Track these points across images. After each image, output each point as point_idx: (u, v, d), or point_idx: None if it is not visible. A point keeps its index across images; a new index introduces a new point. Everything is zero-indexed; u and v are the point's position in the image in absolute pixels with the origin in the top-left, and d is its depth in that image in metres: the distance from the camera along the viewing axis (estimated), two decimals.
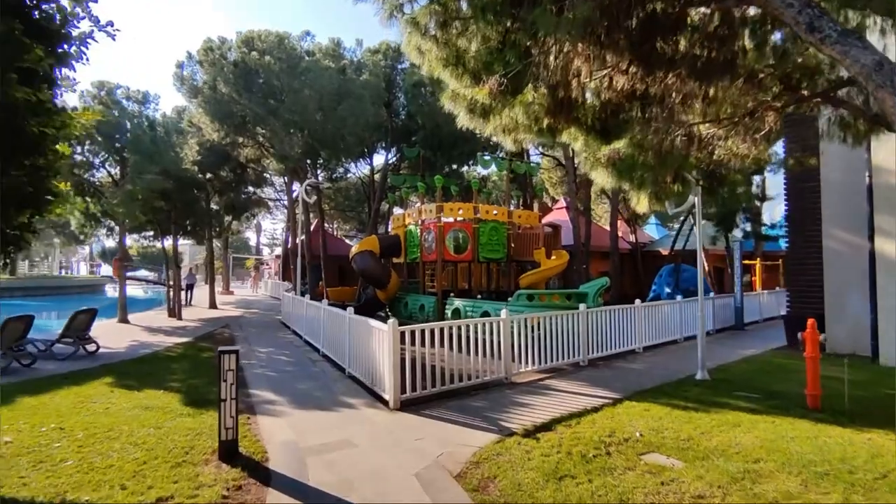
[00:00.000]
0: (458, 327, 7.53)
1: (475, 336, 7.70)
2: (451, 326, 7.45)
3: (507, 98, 5.82)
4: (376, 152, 28.28)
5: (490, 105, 5.77)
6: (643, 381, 8.13)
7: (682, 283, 19.44)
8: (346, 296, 24.86)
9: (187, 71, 16.65)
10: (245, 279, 46.26)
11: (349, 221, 42.33)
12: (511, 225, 16.58)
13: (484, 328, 7.84)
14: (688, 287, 19.10)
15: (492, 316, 12.99)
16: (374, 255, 16.83)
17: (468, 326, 7.68)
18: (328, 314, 9.94)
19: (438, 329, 7.25)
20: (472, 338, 7.67)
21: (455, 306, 14.19)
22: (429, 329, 7.13)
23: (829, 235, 11.51)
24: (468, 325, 7.70)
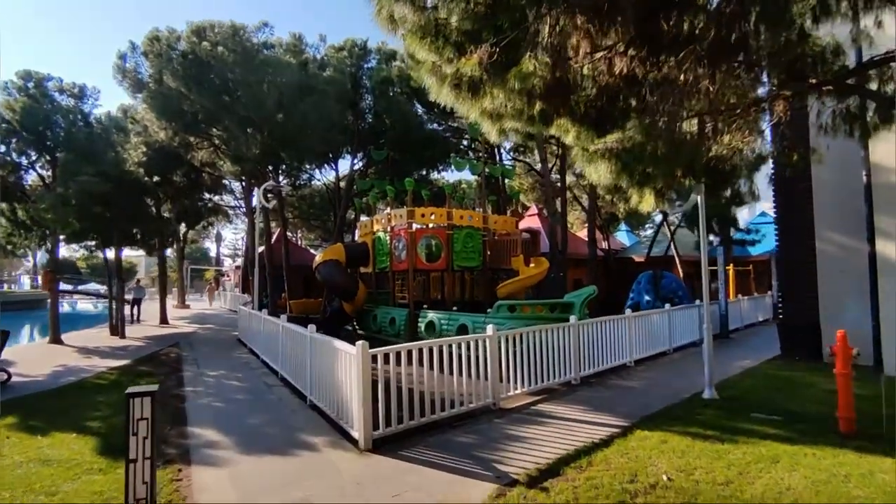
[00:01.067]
0: (438, 347, 6.43)
1: (458, 356, 6.62)
2: (430, 347, 6.34)
3: (500, 70, 4.81)
4: (342, 157, 26.99)
5: (480, 78, 4.74)
6: (647, 402, 7.21)
7: (662, 291, 18.84)
8: (310, 308, 23.41)
9: (130, 63, 15.09)
10: (205, 292, 43.90)
11: (314, 230, 40.70)
12: (487, 231, 15.62)
13: (469, 347, 6.76)
14: (667, 294, 18.47)
15: (469, 329, 11.99)
16: (340, 265, 15.58)
17: (450, 346, 6.58)
18: (287, 332, 8.70)
19: (416, 350, 6.15)
20: (455, 357, 6.59)
21: (429, 319, 13.09)
22: (405, 351, 6.02)
23: (823, 238, 10.95)
24: (450, 345, 6.60)
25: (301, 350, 7.64)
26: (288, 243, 28.37)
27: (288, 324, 8.74)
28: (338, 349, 6.07)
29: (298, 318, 21.20)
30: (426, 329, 13.09)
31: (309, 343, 7.17)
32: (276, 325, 9.47)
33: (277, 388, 8.46)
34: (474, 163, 15.47)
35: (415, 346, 6.15)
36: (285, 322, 8.93)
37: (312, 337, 7.07)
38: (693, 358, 11.39)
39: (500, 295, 14.28)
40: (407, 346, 6.05)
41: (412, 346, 6.12)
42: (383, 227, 15.56)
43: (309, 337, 7.18)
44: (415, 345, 6.17)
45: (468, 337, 6.85)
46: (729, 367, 10.11)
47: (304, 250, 36.74)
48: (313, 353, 7.02)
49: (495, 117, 6.31)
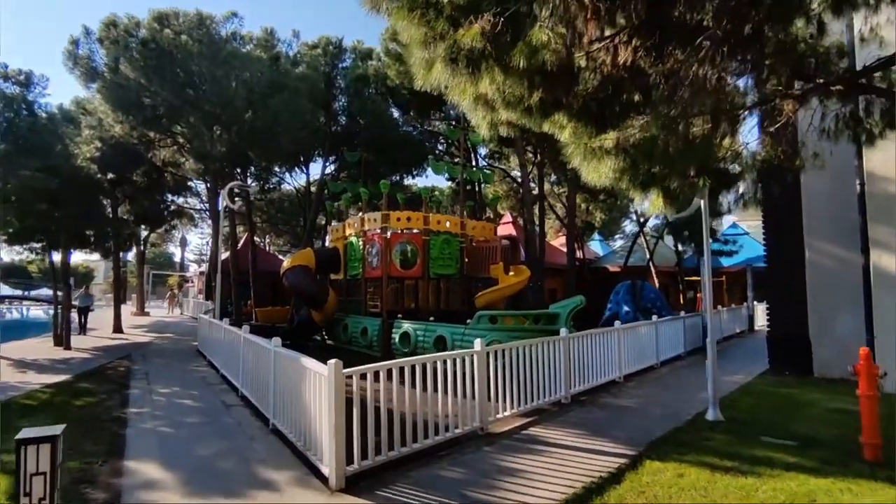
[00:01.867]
0: (421, 365, 5.67)
1: (444, 372, 5.88)
2: (412, 365, 5.58)
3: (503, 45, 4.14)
4: (313, 160, 26.04)
5: (483, 51, 4.05)
6: (648, 425, 6.59)
7: (641, 302, 18.48)
8: (277, 317, 22.27)
9: (84, 50, 13.86)
10: (166, 299, 41.81)
11: (282, 235, 39.39)
12: (464, 237, 14.95)
13: (455, 364, 6.02)
14: (645, 305, 18.11)
15: (448, 341, 11.25)
16: (309, 271, 14.66)
17: (435, 363, 5.84)
18: (248, 345, 7.79)
19: (397, 369, 5.38)
20: (440, 374, 5.85)
21: (404, 330, 12.30)
22: (384, 370, 5.25)
23: (813, 248, 10.65)
24: (435, 362, 5.85)
25: (264, 366, 6.77)
26: (255, 248, 27.16)
27: (250, 335, 7.83)
28: (306, 368, 5.25)
29: (265, 327, 20.08)
30: (400, 340, 12.31)
31: (273, 359, 6.31)
32: (237, 336, 8.54)
33: (236, 408, 7.53)
34: (452, 166, 14.82)
35: (395, 364, 5.39)
36: (247, 333, 8.03)
37: (277, 352, 6.22)
38: (681, 373, 10.93)
39: (479, 305, 13.61)
40: (386, 365, 5.28)
41: (392, 364, 5.35)
42: (356, 232, 14.73)
43: (273, 352, 6.33)
44: (395, 363, 5.40)
45: (454, 353, 6.10)
46: (721, 382, 9.58)
47: (272, 256, 35.42)
48: (278, 371, 6.17)
49: (489, 106, 5.64)
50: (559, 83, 5.35)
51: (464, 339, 10.76)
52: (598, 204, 27.97)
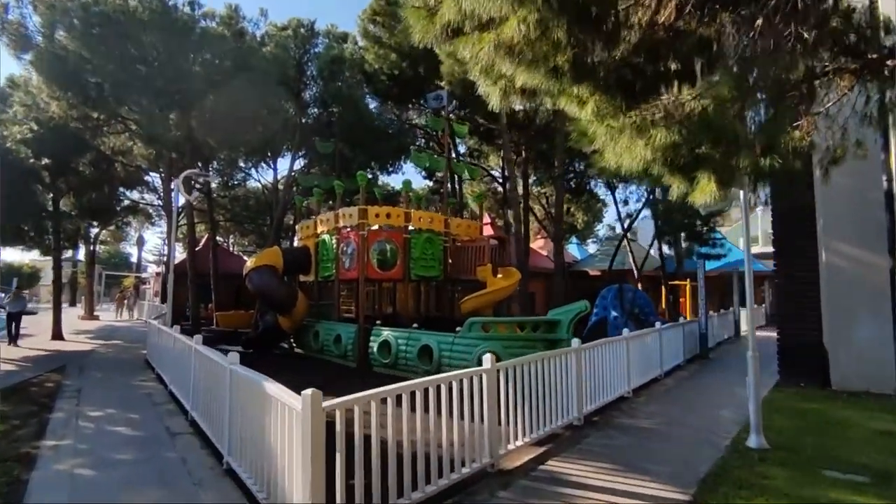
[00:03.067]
0: (423, 390, 4.45)
1: (448, 399, 4.68)
2: (412, 391, 4.34)
3: None
4: (281, 156, 24.47)
5: None
6: (685, 455, 5.54)
7: (628, 306, 17.62)
8: (240, 322, 20.57)
9: (14, 14, 12.10)
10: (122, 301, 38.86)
11: (247, 235, 37.39)
12: (448, 237, 13.76)
13: (461, 387, 4.81)
14: (632, 310, 17.27)
15: (435, 351, 10.01)
16: (276, 272, 13.21)
17: (438, 387, 4.62)
18: (200, 360, 6.40)
19: (393, 397, 4.15)
20: (443, 400, 4.64)
21: (383, 338, 11.01)
22: (377, 399, 4.00)
23: (831, 249, 9.86)
24: (438, 385, 4.63)
25: (218, 387, 5.41)
26: (217, 248, 25.34)
27: (202, 347, 6.44)
28: (271, 397, 3.95)
29: (226, 334, 18.42)
30: (379, 350, 11.02)
31: (229, 380, 4.97)
32: (188, 347, 7.12)
33: (184, 437, 6.13)
34: (436, 158, 13.62)
35: (392, 391, 4.13)
36: (199, 345, 6.62)
37: (234, 371, 4.88)
38: (689, 385, 10.00)
39: (465, 310, 12.44)
40: (380, 393, 4.03)
41: (388, 391, 4.10)
42: (329, 229, 13.36)
43: (228, 370, 4.98)
44: (392, 390, 4.15)
45: (460, 374, 4.87)
46: (737, 397, 8.71)
47: (235, 257, 33.43)
48: (235, 396, 4.83)
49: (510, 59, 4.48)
50: (601, 32, 4.24)
51: (453, 350, 9.57)
52: (581, 205, 27.25)
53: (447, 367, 9.57)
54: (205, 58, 12.53)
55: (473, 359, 9.17)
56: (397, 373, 10.58)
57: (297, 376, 10.55)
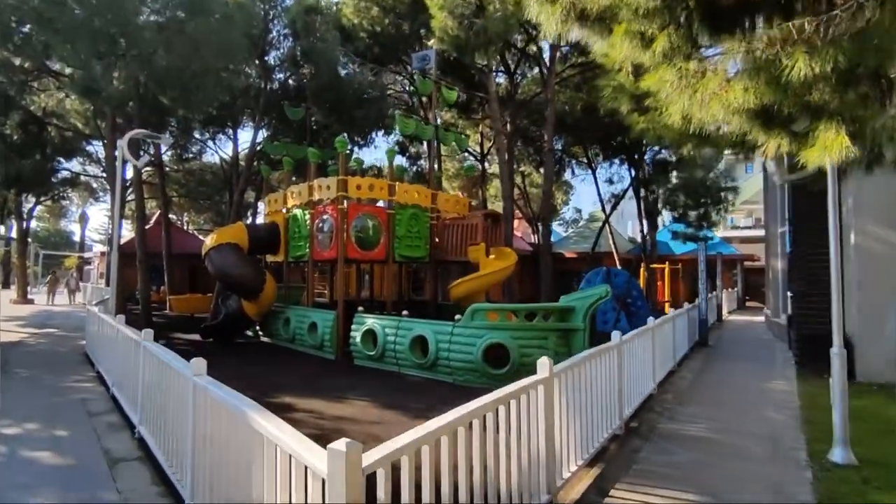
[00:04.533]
0: (481, 418, 3.13)
1: (507, 423, 3.40)
2: (469, 422, 3.00)
3: None
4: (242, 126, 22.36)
5: None
6: (770, 475, 4.52)
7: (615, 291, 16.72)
8: (196, 306, 18.77)
9: None
10: (62, 283, 35.54)
11: (203, 213, 34.89)
12: (435, 213, 12.41)
13: (519, 407, 3.54)
14: (620, 294, 16.39)
15: (431, 343, 8.62)
16: (240, 251, 11.58)
17: (497, 410, 3.31)
18: (151, 363, 4.91)
19: (451, 434, 2.80)
20: (503, 421, 3.36)
21: (368, 327, 9.64)
22: (432, 442, 2.64)
23: (861, 231, 9.05)
24: (497, 408, 3.32)
25: (178, 405, 3.97)
26: (170, 226, 23.18)
27: (152, 346, 4.93)
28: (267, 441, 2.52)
29: (182, 321, 16.58)
30: (363, 340, 9.65)
31: (194, 399, 3.54)
32: (135, 344, 5.58)
33: (129, 466, 4.65)
34: (423, 125, 12.17)
35: (446, 426, 2.76)
36: (148, 342, 5.10)
37: (203, 390, 3.42)
38: (708, 378, 9.08)
39: (455, 295, 11.20)
40: (434, 434, 2.65)
41: (441, 428, 2.72)
42: (302, 203, 11.78)
43: (193, 386, 3.54)
44: (445, 425, 2.77)
45: (519, 387, 3.57)
46: (769, 392, 7.84)
47: (190, 236, 31.09)
48: (203, 422, 3.40)
49: None
50: None
51: (452, 342, 8.30)
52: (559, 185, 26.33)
53: (445, 361, 8.32)
54: None
55: (478, 352, 7.95)
56: (384, 367, 9.27)
57: (269, 371, 9.12)
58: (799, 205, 10.20)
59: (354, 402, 7.08)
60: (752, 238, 32.99)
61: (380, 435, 5.61)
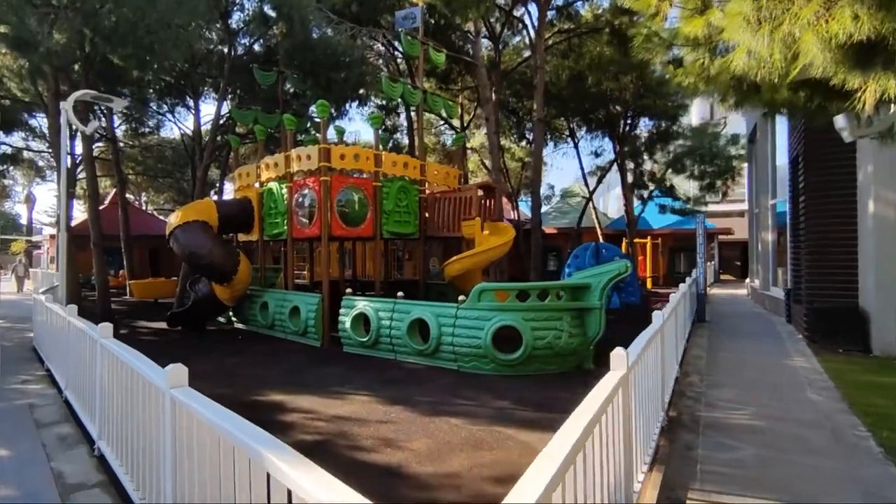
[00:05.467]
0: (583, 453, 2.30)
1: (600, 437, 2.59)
2: (573, 456, 2.16)
3: None
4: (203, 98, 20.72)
5: None
6: (853, 474, 3.94)
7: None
8: (159, 291, 17.44)
9: None
10: (8, 269, 32.91)
11: (164, 191, 32.87)
12: (423, 185, 11.50)
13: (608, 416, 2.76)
14: None
15: (433, 327, 7.73)
16: (209, 229, 10.45)
17: (597, 422, 2.50)
18: (111, 366, 3.94)
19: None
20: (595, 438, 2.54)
21: (358, 310, 8.75)
22: None
23: (879, 198, 8.60)
24: (594, 425, 2.50)
25: (150, 422, 3.04)
26: (127, 206, 21.49)
27: (112, 344, 3.95)
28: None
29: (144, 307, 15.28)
30: (353, 326, 8.77)
31: (171, 419, 2.62)
32: (91, 341, 4.58)
33: (86, 495, 3.70)
34: (411, 89, 11.13)
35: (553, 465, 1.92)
36: (107, 339, 4.11)
37: (185, 408, 2.50)
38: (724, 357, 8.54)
39: (450, 274, 10.39)
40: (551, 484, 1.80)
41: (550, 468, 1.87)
42: (278, 175, 10.67)
43: (169, 401, 2.62)
44: (553, 464, 1.92)
45: (606, 388, 2.78)
46: (795, 371, 7.37)
47: (150, 216, 29.27)
48: (191, 456, 2.49)
49: None
50: None
51: (457, 325, 7.51)
52: None
53: (448, 347, 7.54)
54: None
55: (486, 336, 7.19)
56: (379, 354, 8.43)
57: (248, 362, 8.13)
58: (809, 176, 9.72)
59: (353, 398, 6.24)
60: (718, 213, 33.12)
61: (393, 438, 4.81)
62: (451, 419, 5.41)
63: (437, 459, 4.33)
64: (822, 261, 9.56)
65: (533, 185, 14.73)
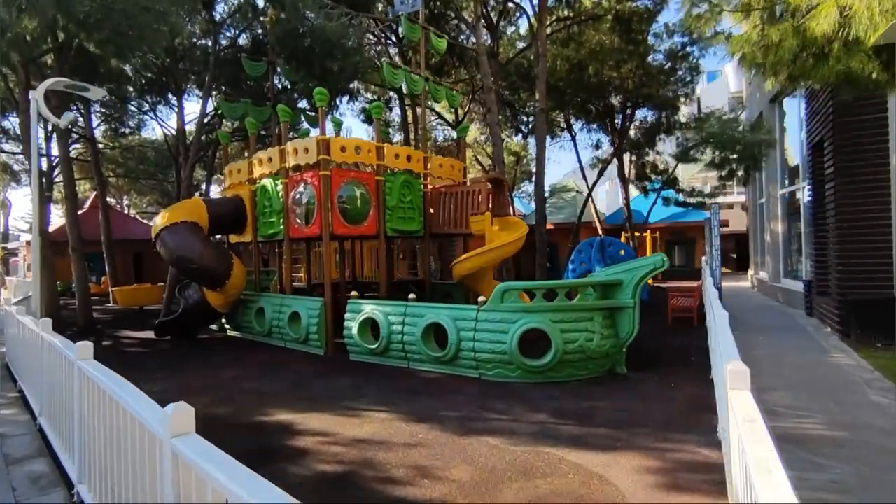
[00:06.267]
0: None
1: None
2: None
3: None
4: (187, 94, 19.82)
5: None
6: None
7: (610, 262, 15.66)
8: (145, 298, 16.55)
9: None
10: None
11: (146, 194, 31.75)
12: (426, 179, 10.82)
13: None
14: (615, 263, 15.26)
15: (451, 332, 7.01)
16: (199, 230, 9.66)
17: None
18: (93, 396, 3.20)
19: None
20: None
21: (366, 315, 8.04)
22: None
23: None
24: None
25: (144, 472, 2.32)
26: (108, 209, 20.49)
27: (93, 369, 3.21)
28: None
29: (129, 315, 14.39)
30: (361, 332, 8.06)
31: (173, 478, 1.91)
32: (68, 363, 3.83)
33: None
34: (413, 77, 10.43)
35: None
36: (86, 362, 3.38)
37: (191, 466, 1.81)
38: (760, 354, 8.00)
39: (459, 273, 9.73)
40: None
41: None
42: (273, 171, 9.91)
43: (170, 454, 1.92)
44: None
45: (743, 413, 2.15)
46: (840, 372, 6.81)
47: (132, 220, 28.16)
48: None
49: None
50: None
51: (478, 329, 6.85)
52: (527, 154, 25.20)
53: (468, 353, 6.87)
54: None
55: (512, 340, 6.54)
56: (389, 362, 7.74)
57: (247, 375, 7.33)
58: (837, 159, 9.21)
59: (370, 415, 5.54)
60: (709, 205, 32.84)
61: (427, 466, 4.13)
62: (488, 438, 4.75)
63: (486, 492, 3.66)
64: (853, 249, 9.06)
65: (537, 177, 14.08)
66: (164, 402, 2.06)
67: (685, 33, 16.68)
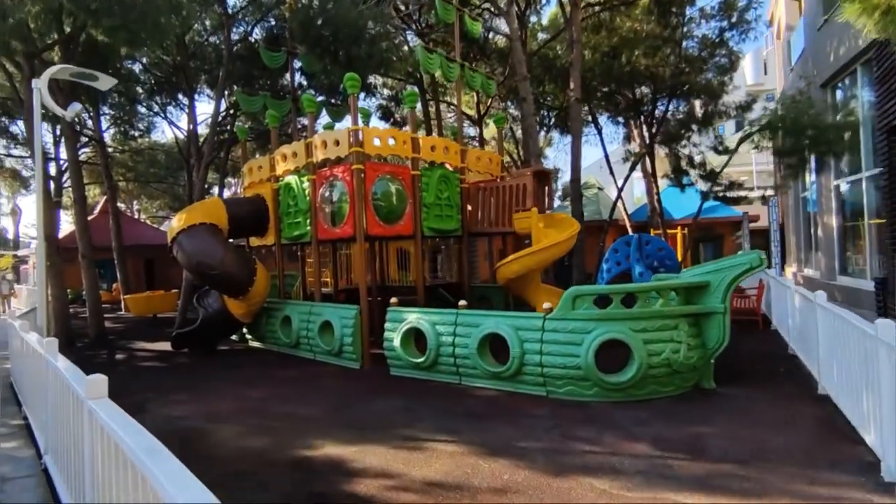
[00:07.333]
0: None
1: None
2: None
3: None
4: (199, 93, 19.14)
5: None
6: None
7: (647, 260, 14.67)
8: (158, 306, 15.77)
9: None
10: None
11: (157, 198, 31.11)
12: (464, 174, 9.93)
13: None
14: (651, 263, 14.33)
15: (513, 343, 6.02)
16: (218, 233, 8.83)
17: None
18: (110, 451, 2.32)
19: None
20: None
21: (410, 325, 7.15)
22: None
23: None
24: None
25: None
26: (119, 215, 19.80)
27: (106, 418, 2.34)
28: None
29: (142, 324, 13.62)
30: (404, 344, 7.17)
31: None
32: (78, 403, 2.97)
33: None
34: (449, 64, 9.56)
35: None
36: (99, 404, 2.51)
37: None
38: None
39: (504, 276, 8.85)
40: None
41: None
42: (298, 167, 9.06)
43: None
44: None
45: None
46: None
47: (143, 226, 27.49)
48: None
49: None
50: None
51: (545, 340, 5.94)
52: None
53: (534, 367, 5.96)
54: None
55: (587, 353, 5.62)
56: (437, 377, 6.85)
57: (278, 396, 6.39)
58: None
59: (435, 447, 4.64)
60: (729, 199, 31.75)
61: None
62: (592, 480, 3.84)
63: None
64: None
65: (574, 172, 13.15)
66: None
67: (723, 17, 15.73)
